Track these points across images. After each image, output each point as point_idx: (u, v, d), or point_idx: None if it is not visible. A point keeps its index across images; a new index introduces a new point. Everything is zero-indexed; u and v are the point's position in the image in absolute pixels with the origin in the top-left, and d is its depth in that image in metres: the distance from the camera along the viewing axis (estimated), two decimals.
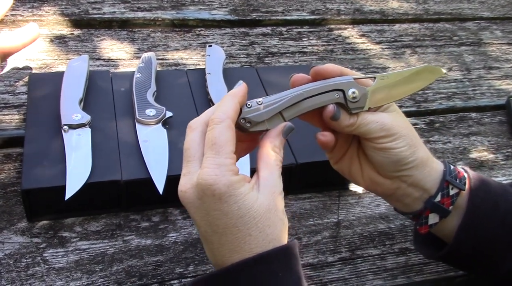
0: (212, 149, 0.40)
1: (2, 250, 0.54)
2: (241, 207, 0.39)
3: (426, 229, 0.50)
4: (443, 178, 0.48)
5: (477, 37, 1.04)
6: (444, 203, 0.48)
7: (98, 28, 0.89)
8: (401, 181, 0.48)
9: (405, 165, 0.47)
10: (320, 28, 1.00)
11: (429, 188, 0.49)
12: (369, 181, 0.50)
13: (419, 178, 0.48)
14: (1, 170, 0.62)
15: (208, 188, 0.39)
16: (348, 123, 0.46)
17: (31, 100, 0.66)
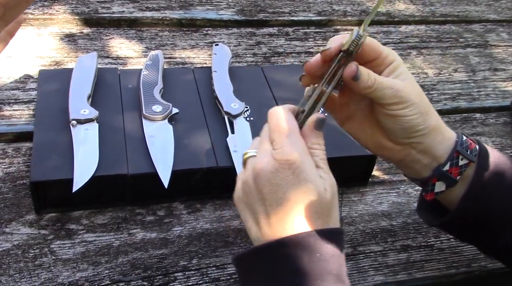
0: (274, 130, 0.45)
1: (10, 241, 0.55)
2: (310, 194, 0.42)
3: (432, 196, 0.50)
4: (454, 148, 0.49)
5: (483, 39, 1.05)
6: (452, 173, 0.49)
7: (107, 27, 0.91)
8: (411, 147, 0.49)
9: (416, 132, 0.48)
10: (326, 29, 1.01)
11: (439, 156, 0.49)
12: (378, 146, 0.50)
13: (429, 146, 0.48)
14: (11, 163, 0.64)
15: (287, 160, 0.42)
16: (366, 85, 0.46)
17: (41, 96, 0.67)
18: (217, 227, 0.60)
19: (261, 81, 0.75)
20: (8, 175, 0.62)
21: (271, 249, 0.41)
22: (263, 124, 0.66)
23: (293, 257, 0.40)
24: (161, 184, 0.57)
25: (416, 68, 0.93)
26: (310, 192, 0.42)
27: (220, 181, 0.61)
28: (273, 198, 0.42)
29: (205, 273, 0.55)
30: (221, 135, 0.64)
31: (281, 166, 0.42)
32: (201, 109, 0.68)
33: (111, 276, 0.53)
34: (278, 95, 0.72)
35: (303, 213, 0.41)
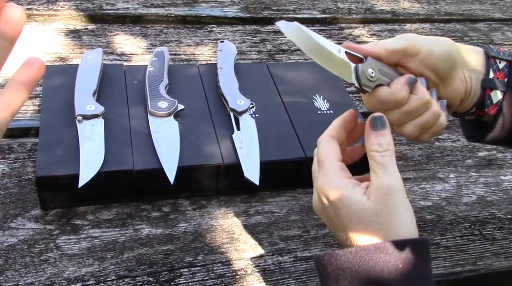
0: (319, 165, 0.46)
1: (16, 236, 0.55)
2: (349, 212, 0.42)
3: (494, 108, 0.50)
4: (488, 56, 0.50)
5: (488, 38, 1.04)
6: (499, 77, 0.49)
7: (111, 23, 0.91)
8: (460, 81, 0.49)
9: (450, 59, 0.48)
10: (331, 27, 1.01)
11: (477, 69, 0.49)
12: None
13: (467, 62, 0.49)
14: (16, 158, 0.64)
15: (321, 193, 0.44)
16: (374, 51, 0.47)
17: (46, 92, 0.67)
18: (222, 223, 0.60)
19: (267, 78, 0.75)
20: (14, 170, 0.62)
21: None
22: (269, 122, 0.66)
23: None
24: (166, 180, 0.57)
25: None
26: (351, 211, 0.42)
27: (225, 177, 0.61)
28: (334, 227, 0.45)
29: (210, 269, 0.55)
30: (226, 132, 0.64)
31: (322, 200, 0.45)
32: (207, 106, 0.68)
33: (116, 272, 0.53)
34: (284, 92, 0.72)
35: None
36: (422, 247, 0.42)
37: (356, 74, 0.46)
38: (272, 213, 0.62)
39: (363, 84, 0.46)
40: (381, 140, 0.44)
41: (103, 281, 0.52)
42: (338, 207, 0.43)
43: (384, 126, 0.45)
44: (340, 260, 0.41)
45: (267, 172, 0.61)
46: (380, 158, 0.43)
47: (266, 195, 0.64)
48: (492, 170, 0.73)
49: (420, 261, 0.41)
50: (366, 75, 0.46)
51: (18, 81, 0.33)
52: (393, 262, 0.40)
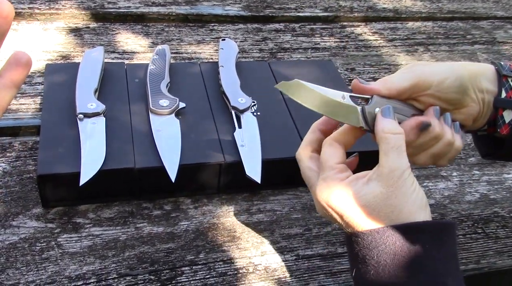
0: (320, 168, 0.46)
1: (17, 234, 0.55)
2: (358, 203, 0.42)
3: (507, 128, 0.49)
4: (499, 75, 0.49)
5: (491, 36, 1.04)
6: (511, 97, 0.49)
7: (113, 22, 0.91)
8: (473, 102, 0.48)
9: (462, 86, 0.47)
10: (333, 25, 1.00)
11: (490, 89, 0.49)
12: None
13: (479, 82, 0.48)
14: (18, 157, 0.63)
15: (324, 201, 0.44)
16: (391, 127, 0.45)
17: (47, 90, 0.67)
18: (224, 222, 0.60)
19: (268, 76, 0.75)
20: (15, 169, 0.62)
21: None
22: (270, 120, 0.66)
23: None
24: (168, 178, 0.57)
25: None
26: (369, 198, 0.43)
27: (227, 175, 0.61)
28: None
29: (212, 267, 0.55)
30: (228, 130, 0.63)
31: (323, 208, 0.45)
32: (208, 104, 0.68)
33: (118, 270, 0.53)
34: None
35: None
36: (449, 229, 0.42)
37: (364, 116, 0.46)
38: (274, 211, 0.62)
39: (372, 125, 0.46)
40: (395, 125, 0.44)
41: (104, 280, 0.52)
42: (344, 209, 0.43)
43: (392, 116, 0.45)
44: (367, 240, 0.42)
45: (269, 170, 0.61)
46: (394, 140, 0.43)
47: (268, 193, 0.64)
48: (495, 168, 0.72)
49: (447, 243, 0.41)
50: (373, 116, 0.45)
51: (6, 78, 0.33)
52: (420, 242, 0.40)
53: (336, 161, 0.45)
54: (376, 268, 0.41)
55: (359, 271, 0.42)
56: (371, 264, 0.41)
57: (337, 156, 0.46)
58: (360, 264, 0.42)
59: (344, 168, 0.45)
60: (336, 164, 0.45)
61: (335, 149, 0.46)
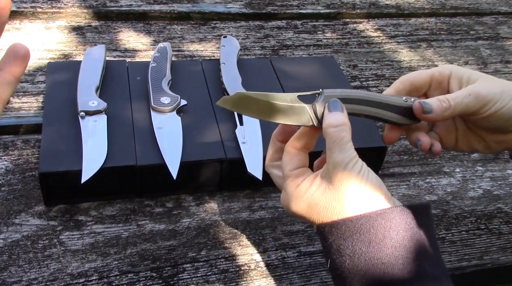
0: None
1: (20, 232, 0.55)
2: (310, 203, 0.44)
3: None
4: None
5: (495, 32, 1.03)
6: None
7: (115, 20, 0.91)
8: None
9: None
10: (335, 22, 1.00)
11: None
12: (497, 144, 0.51)
13: None
14: (20, 155, 0.64)
15: (286, 209, 0.46)
16: (443, 108, 0.47)
17: (49, 88, 0.67)
18: (225, 219, 0.60)
19: (270, 73, 0.74)
20: (17, 167, 0.62)
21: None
22: None
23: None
24: (169, 176, 0.57)
25: (427, 61, 0.92)
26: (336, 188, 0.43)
27: (228, 172, 0.61)
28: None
29: (213, 264, 0.55)
30: (229, 127, 0.63)
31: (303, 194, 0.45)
32: (210, 101, 0.68)
33: (120, 267, 0.53)
34: (287, 87, 0.72)
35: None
36: (422, 211, 0.42)
37: (315, 113, 0.45)
38: (276, 208, 0.62)
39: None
40: (337, 116, 0.44)
41: (106, 277, 0.52)
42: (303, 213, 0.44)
43: (338, 108, 0.44)
44: (341, 230, 0.41)
45: None
46: (336, 134, 0.43)
47: (270, 190, 0.63)
48: (499, 164, 0.72)
49: (422, 226, 0.41)
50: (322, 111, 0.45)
51: (6, 71, 0.33)
52: (394, 227, 0.40)
53: (290, 168, 0.46)
54: (351, 257, 0.41)
55: (334, 262, 0.42)
56: (346, 254, 0.41)
57: (293, 162, 0.46)
58: (335, 255, 0.42)
59: (300, 172, 0.45)
60: (290, 170, 0.46)
61: (290, 155, 0.46)
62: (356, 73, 0.86)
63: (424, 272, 0.39)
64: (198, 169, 0.60)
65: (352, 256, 0.40)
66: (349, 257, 0.41)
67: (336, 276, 0.43)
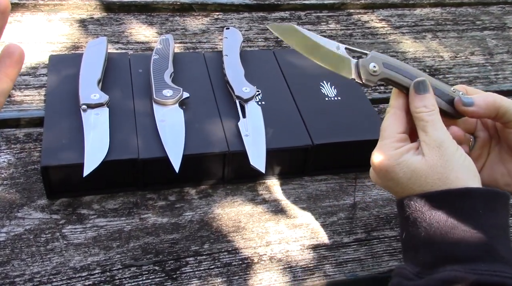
0: (380, 136, 0.47)
1: (22, 225, 0.55)
2: (406, 172, 0.44)
3: None
4: None
5: (501, 22, 1.02)
6: None
7: (117, 12, 0.90)
8: None
9: None
10: (339, 13, 0.99)
11: None
12: None
13: None
14: (22, 148, 0.63)
15: (377, 167, 0.46)
16: (486, 101, 0.46)
17: (51, 81, 0.67)
18: (228, 212, 0.59)
19: (273, 65, 0.74)
20: (20, 160, 0.62)
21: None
22: (275, 109, 0.65)
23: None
24: (172, 169, 0.56)
25: (432, 52, 0.91)
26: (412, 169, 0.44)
27: (231, 165, 0.61)
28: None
29: (216, 257, 0.54)
30: (232, 120, 0.63)
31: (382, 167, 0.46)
32: (212, 94, 0.67)
33: (122, 261, 0.53)
34: (290, 79, 0.71)
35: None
36: (503, 199, 0.43)
37: (357, 69, 0.46)
38: (279, 201, 0.61)
39: (365, 79, 0.46)
40: (426, 102, 0.45)
41: (109, 270, 0.52)
42: (395, 172, 0.44)
43: (427, 90, 0.46)
44: (419, 203, 0.42)
45: (274, 160, 0.61)
46: (427, 116, 0.45)
47: (273, 183, 0.63)
48: None
49: (500, 213, 0.42)
50: (368, 70, 0.46)
51: (1, 73, 0.33)
52: (472, 208, 0.41)
53: (395, 130, 0.46)
54: (427, 230, 0.41)
55: (409, 234, 0.43)
56: (423, 226, 0.42)
57: (399, 123, 0.46)
58: (411, 227, 0.43)
59: (403, 138, 0.46)
60: (395, 133, 0.46)
61: (398, 117, 0.47)
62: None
63: (497, 253, 0.40)
64: (201, 162, 0.60)
65: (429, 229, 0.41)
66: (425, 230, 0.42)
67: (408, 248, 0.44)
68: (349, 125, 0.64)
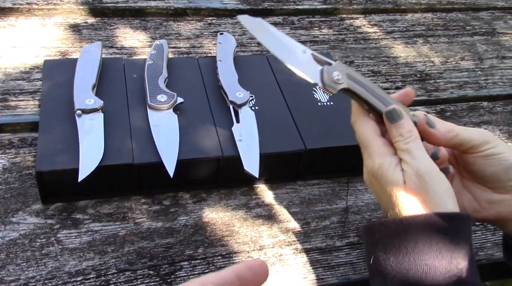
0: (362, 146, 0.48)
1: (17, 230, 0.55)
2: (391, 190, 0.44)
3: None
4: None
5: (491, 27, 1.03)
6: None
7: (111, 17, 0.91)
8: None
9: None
10: (331, 18, 1.00)
11: None
12: (488, 205, 0.48)
13: None
14: (17, 153, 0.64)
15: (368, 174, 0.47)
16: (447, 128, 0.47)
17: (46, 86, 0.67)
18: (222, 216, 0.60)
19: (267, 70, 0.74)
20: (14, 165, 0.62)
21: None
22: (268, 114, 0.66)
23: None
24: (166, 174, 0.57)
25: (423, 57, 0.92)
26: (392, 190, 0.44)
27: (225, 170, 0.61)
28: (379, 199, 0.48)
29: (211, 262, 0.55)
30: (226, 125, 0.64)
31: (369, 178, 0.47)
32: (206, 99, 0.68)
33: (117, 265, 0.53)
34: (283, 84, 0.72)
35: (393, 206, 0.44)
36: (466, 221, 0.43)
37: (322, 75, 0.47)
38: (272, 205, 0.62)
39: (328, 85, 0.47)
40: (401, 130, 0.46)
41: (103, 275, 0.52)
42: (382, 185, 0.45)
43: (400, 117, 0.46)
44: (389, 228, 0.43)
45: (267, 164, 0.61)
46: (403, 145, 0.45)
47: (266, 187, 0.64)
48: None
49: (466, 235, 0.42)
50: (331, 77, 0.47)
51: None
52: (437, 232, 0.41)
53: (377, 135, 0.47)
54: (396, 255, 0.41)
55: (377, 258, 0.43)
56: (391, 252, 0.42)
57: (376, 129, 0.47)
58: (380, 252, 0.43)
59: (387, 143, 0.46)
60: (378, 138, 0.46)
61: (370, 123, 0.47)
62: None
63: (463, 279, 0.40)
64: (195, 167, 0.61)
65: (397, 255, 0.42)
66: (394, 255, 0.42)
67: (375, 274, 0.44)
68: (342, 130, 0.65)
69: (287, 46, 0.47)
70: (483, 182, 0.49)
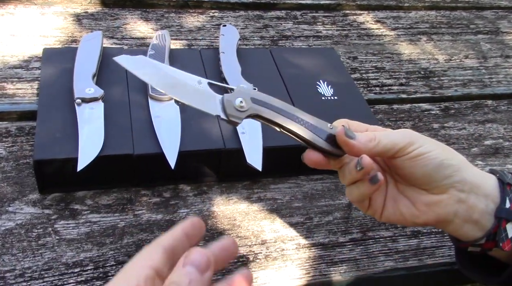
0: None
1: (14, 220, 0.54)
2: None
3: (510, 243, 0.44)
4: (503, 182, 0.45)
5: (495, 26, 1.03)
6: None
7: (112, 7, 0.89)
8: (458, 190, 0.44)
9: (449, 167, 0.44)
10: (335, 13, 0.99)
11: (491, 194, 0.45)
12: (426, 208, 0.45)
13: (474, 183, 0.44)
14: (14, 142, 0.62)
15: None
16: (368, 138, 0.43)
17: (45, 74, 0.65)
18: (223, 210, 0.59)
19: (269, 63, 0.73)
20: (11, 154, 0.61)
21: None
22: None
23: None
24: (167, 165, 0.56)
25: (427, 54, 0.91)
26: None
27: (227, 162, 0.60)
28: None
29: None
30: None
31: None
32: None
33: (116, 257, 0.52)
34: (287, 78, 0.71)
35: None
36: None
37: (223, 104, 0.42)
38: (275, 200, 0.61)
39: (231, 115, 0.42)
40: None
41: (102, 267, 0.51)
42: None
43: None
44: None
45: (270, 158, 0.60)
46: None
47: (269, 181, 0.63)
48: (499, 159, 0.72)
49: None
50: (234, 105, 0.42)
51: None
52: None
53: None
54: None
55: None
56: None
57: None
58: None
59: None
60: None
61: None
62: (356, 65, 0.86)
63: None
64: (197, 159, 0.59)
65: None
66: None
67: None
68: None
69: (178, 80, 0.42)
70: (417, 184, 0.45)
